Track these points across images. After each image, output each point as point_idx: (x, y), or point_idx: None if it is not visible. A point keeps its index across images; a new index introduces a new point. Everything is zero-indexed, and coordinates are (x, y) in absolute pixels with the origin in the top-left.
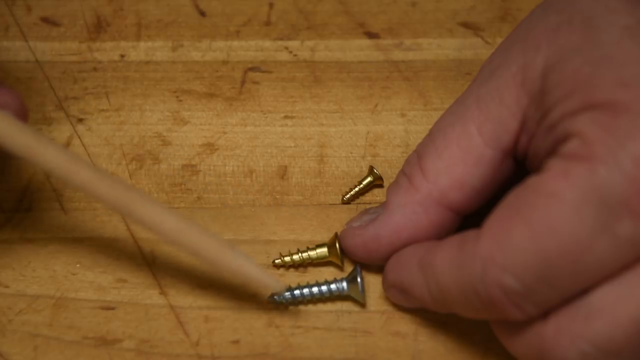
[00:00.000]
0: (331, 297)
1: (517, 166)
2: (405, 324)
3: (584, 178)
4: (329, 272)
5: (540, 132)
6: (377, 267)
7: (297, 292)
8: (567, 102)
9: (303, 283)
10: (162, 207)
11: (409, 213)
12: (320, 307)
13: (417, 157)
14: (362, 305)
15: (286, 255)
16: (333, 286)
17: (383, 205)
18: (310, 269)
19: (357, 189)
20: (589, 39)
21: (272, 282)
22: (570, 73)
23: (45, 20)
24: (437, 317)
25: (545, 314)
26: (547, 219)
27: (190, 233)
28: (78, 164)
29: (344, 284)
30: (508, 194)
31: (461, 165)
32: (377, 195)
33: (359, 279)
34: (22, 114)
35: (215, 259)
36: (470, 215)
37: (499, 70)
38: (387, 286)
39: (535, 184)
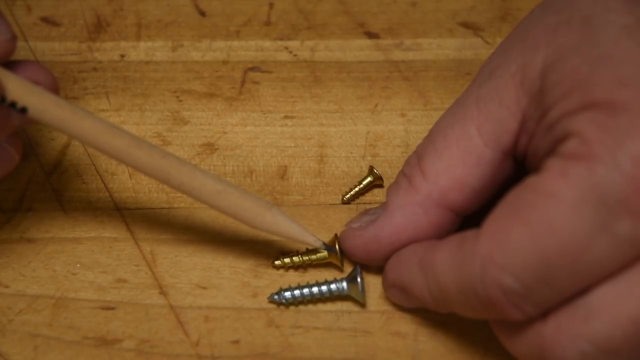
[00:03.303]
0: (331, 297)
1: (517, 166)
2: (405, 324)
3: (583, 177)
4: (329, 272)
5: (539, 132)
6: (377, 267)
7: (297, 292)
8: (566, 102)
9: (303, 283)
10: (200, 171)
11: (409, 214)
12: (320, 307)
13: (417, 158)
14: (362, 305)
15: (286, 257)
16: (333, 286)
17: (383, 206)
18: (310, 269)
19: (357, 189)
20: (587, 38)
21: (311, 239)
22: (569, 72)
23: (45, 20)
24: (437, 317)
25: (544, 313)
26: (546, 218)
27: (229, 196)
28: (114, 133)
29: (344, 284)
30: (507, 193)
31: (461, 166)
32: (377, 195)
33: (359, 279)
34: (55, 90)
35: (253, 221)
36: (470, 216)
37: (498, 71)
38: (387, 286)
39: (534, 183)
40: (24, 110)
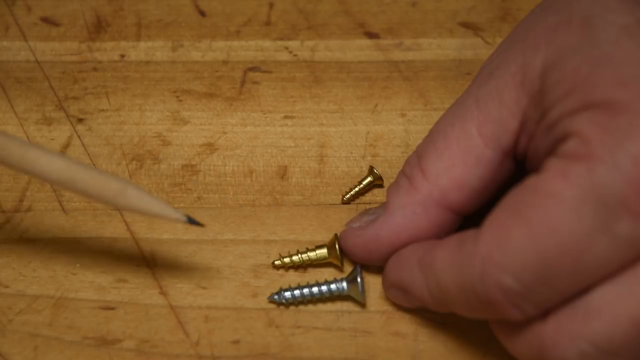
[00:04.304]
0: (331, 297)
1: (517, 166)
2: (405, 324)
3: (583, 178)
4: (329, 272)
5: (539, 132)
6: (377, 267)
7: (297, 292)
8: (566, 102)
9: (303, 283)
10: (45, 155)
11: (409, 213)
12: (320, 307)
13: (417, 158)
14: (362, 305)
15: (286, 257)
16: (333, 286)
17: (383, 205)
18: (310, 269)
19: (357, 189)
20: (587, 38)
21: (174, 215)
22: (569, 72)
23: (45, 20)
24: (437, 317)
25: (544, 313)
26: (546, 218)
27: (76, 184)
28: None
29: (344, 284)
30: (507, 193)
31: (461, 166)
32: (377, 195)
33: (359, 279)
34: None
35: (109, 205)
36: (470, 216)
37: (498, 71)
38: (387, 286)
39: (534, 183)
40: None
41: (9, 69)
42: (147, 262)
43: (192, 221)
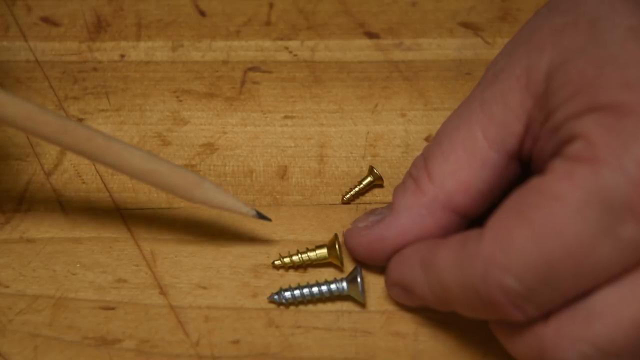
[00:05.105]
0: (331, 297)
1: (523, 169)
2: (405, 324)
3: (588, 180)
4: (329, 272)
5: (544, 134)
6: (377, 267)
7: (297, 292)
8: (571, 104)
9: (303, 283)
10: (128, 151)
11: (414, 215)
12: (320, 307)
13: (424, 160)
14: (362, 305)
15: (286, 257)
16: (333, 286)
17: (389, 206)
18: (310, 269)
19: (357, 189)
20: (593, 40)
21: (244, 210)
22: (575, 74)
23: (45, 20)
24: (437, 317)
25: (546, 315)
26: (550, 220)
27: (156, 175)
28: (38, 120)
29: (344, 284)
30: (511, 194)
31: (467, 169)
32: (377, 195)
33: (359, 279)
34: None
35: (185, 197)
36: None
37: (503, 73)
38: (389, 284)
39: (538, 185)
40: None
41: (9, 69)
42: (147, 262)
43: (261, 216)
